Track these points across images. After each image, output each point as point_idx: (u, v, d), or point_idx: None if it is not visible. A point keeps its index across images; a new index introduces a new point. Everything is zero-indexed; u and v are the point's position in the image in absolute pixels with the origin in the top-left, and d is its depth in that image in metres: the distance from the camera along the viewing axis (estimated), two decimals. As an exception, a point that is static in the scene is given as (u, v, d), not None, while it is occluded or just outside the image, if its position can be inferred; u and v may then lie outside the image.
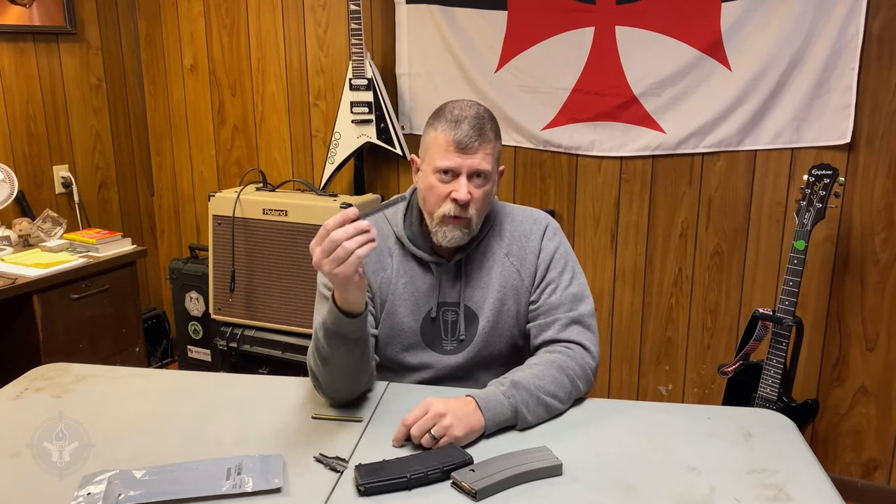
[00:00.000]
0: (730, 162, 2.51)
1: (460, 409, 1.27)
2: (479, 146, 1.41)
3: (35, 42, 2.93)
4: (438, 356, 1.54)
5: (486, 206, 1.49)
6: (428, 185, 1.45)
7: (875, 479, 2.49)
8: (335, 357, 1.34)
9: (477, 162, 1.42)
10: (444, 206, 1.43)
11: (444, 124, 1.43)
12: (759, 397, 2.25)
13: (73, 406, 1.42)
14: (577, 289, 1.52)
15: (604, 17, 2.54)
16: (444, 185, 1.43)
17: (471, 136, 1.40)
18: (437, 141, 1.43)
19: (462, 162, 1.41)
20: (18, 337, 2.48)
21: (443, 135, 1.42)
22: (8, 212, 2.80)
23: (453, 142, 1.41)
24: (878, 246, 2.36)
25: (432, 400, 1.27)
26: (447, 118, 1.43)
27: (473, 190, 1.42)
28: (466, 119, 1.42)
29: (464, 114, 1.42)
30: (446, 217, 1.44)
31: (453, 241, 1.46)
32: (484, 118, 1.44)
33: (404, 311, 1.53)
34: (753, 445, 1.27)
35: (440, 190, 1.43)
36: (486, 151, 1.42)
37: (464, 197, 1.41)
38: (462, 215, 1.43)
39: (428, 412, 1.25)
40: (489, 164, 1.43)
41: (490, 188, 1.46)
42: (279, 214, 2.73)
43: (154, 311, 3.51)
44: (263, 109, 3.19)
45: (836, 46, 2.27)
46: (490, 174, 1.44)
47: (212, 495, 1.11)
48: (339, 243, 1.18)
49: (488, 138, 1.43)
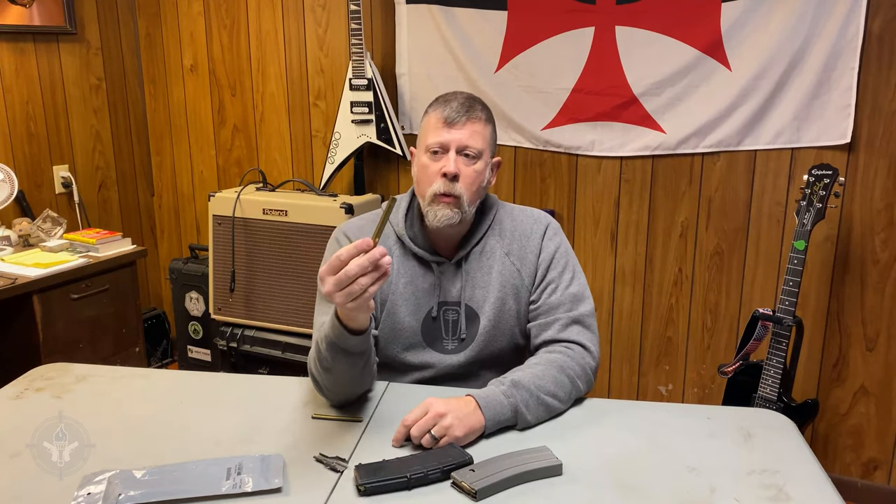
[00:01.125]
0: (730, 162, 2.51)
1: (460, 409, 1.27)
2: (466, 121, 1.45)
3: (35, 42, 2.93)
4: (439, 355, 1.54)
5: (479, 188, 1.48)
6: (421, 165, 1.49)
7: (875, 479, 2.49)
8: (338, 368, 1.33)
9: (465, 136, 1.44)
10: (434, 184, 1.45)
11: (434, 106, 1.50)
12: (759, 397, 2.25)
13: (73, 406, 1.42)
14: (578, 289, 1.52)
15: (604, 17, 2.54)
16: (435, 162, 1.46)
17: (459, 111, 1.45)
18: (428, 122, 1.49)
19: (450, 136, 1.44)
20: (18, 337, 2.48)
21: (434, 114, 1.48)
22: (8, 212, 2.80)
23: (442, 118, 1.46)
24: (878, 246, 2.36)
25: (432, 400, 1.27)
26: (438, 101, 1.50)
27: (462, 166, 1.44)
28: (456, 98, 1.48)
29: (455, 96, 1.49)
30: (437, 195, 1.45)
31: (444, 219, 1.45)
32: (474, 100, 1.49)
33: (405, 311, 1.53)
34: (753, 445, 1.27)
35: (431, 168, 1.46)
36: (475, 129, 1.46)
37: (451, 170, 1.42)
38: (451, 192, 1.44)
39: (428, 412, 1.25)
40: (478, 143, 1.45)
41: (482, 168, 1.47)
42: (279, 214, 2.73)
43: (154, 311, 3.51)
44: (263, 109, 3.19)
45: (836, 46, 2.27)
46: (480, 153, 1.46)
47: (212, 495, 1.11)
48: (353, 278, 1.13)
49: (477, 116, 1.47)
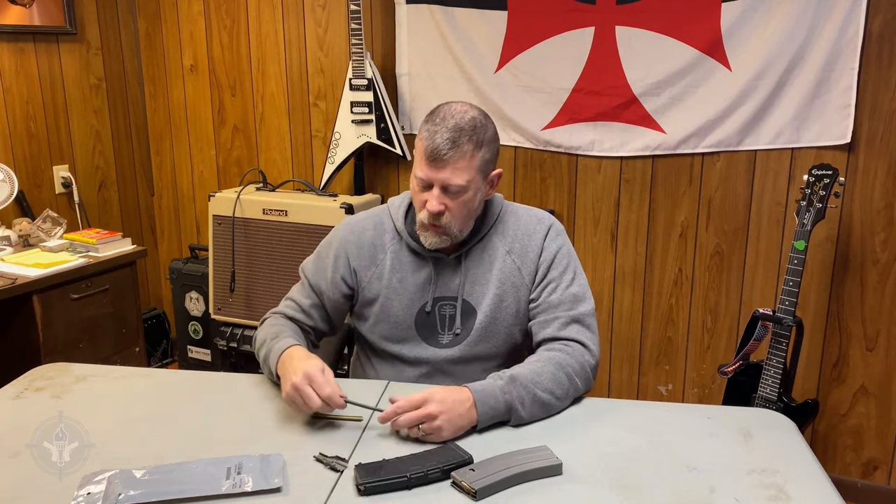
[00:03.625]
0: (730, 162, 2.51)
1: (454, 410, 1.27)
2: (449, 160, 1.40)
3: (35, 42, 2.93)
4: (434, 350, 1.55)
5: (469, 212, 1.48)
6: (413, 188, 1.49)
7: (875, 479, 2.49)
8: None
9: (446, 176, 1.41)
10: (422, 213, 1.46)
11: (425, 131, 1.43)
12: (759, 397, 2.25)
13: (73, 406, 1.42)
14: (578, 289, 1.53)
15: (604, 16, 2.54)
16: (422, 192, 1.45)
17: (443, 147, 1.39)
18: (418, 147, 1.44)
19: (433, 175, 1.42)
20: (18, 337, 2.48)
21: (422, 142, 1.43)
22: (8, 212, 2.80)
23: (426, 152, 1.41)
24: (878, 246, 2.36)
25: (431, 396, 1.27)
26: (430, 123, 1.43)
27: (448, 201, 1.43)
28: (444, 129, 1.40)
29: (445, 123, 1.41)
30: (423, 223, 1.47)
31: (434, 245, 1.48)
32: (462, 130, 1.40)
33: (398, 305, 1.54)
34: (753, 445, 1.27)
35: (419, 196, 1.47)
36: (459, 166, 1.40)
37: (434, 208, 1.42)
38: (436, 223, 1.45)
39: (421, 408, 1.26)
40: (461, 179, 1.41)
41: (470, 197, 1.45)
42: (279, 214, 2.73)
43: (154, 311, 3.51)
44: (263, 109, 3.19)
45: (836, 46, 2.27)
46: (464, 187, 1.42)
47: (212, 495, 1.11)
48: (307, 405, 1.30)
49: (462, 152, 1.40)
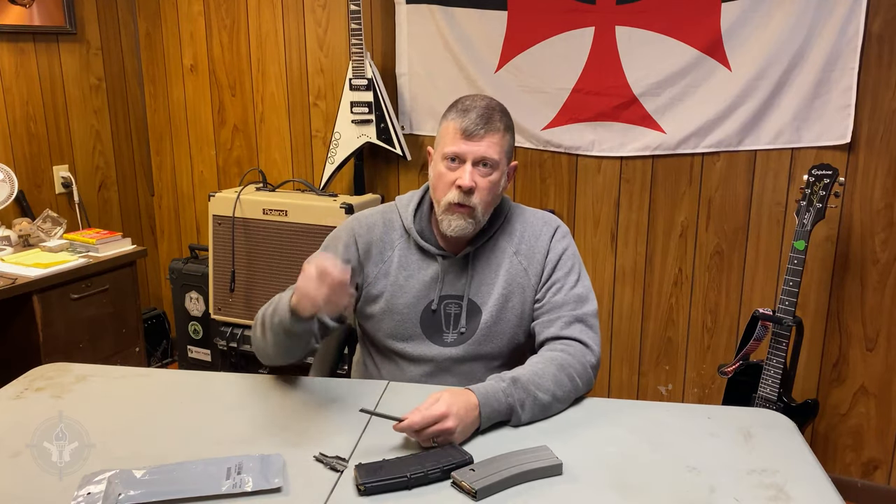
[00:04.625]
0: (730, 162, 2.51)
1: (466, 418, 1.27)
2: (485, 133, 1.45)
3: (35, 42, 2.93)
4: (438, 348, 1.55)
5: (493, 198, 1.50)
6: (437, 172, 1.50)
7: (875, 479, 2.49)
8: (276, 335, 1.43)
9: (483, 149, 1.45)
10: (449, 194, 1.47)
11: (454, 113, 1.49)
12: (759, 397, 2.25)
13: (73, 406, 1.42)
14: (582, 290, 1.54)
15: (604, 16, 2.54)
16: (451, 172, 1.47)
17: (477, 123, 1.45)
18: (447, 130, 1.49)
19: (468, 149, 1.45)
20: (18, 337, 2.48)
21: (452, 123, 1.48)
22: (8, 212, 2.79)
23: (461, 129, 1.45)
24: (878, 246, 2.35)
25: (449, 411, 1.24)
26: (458, 108, 1.49)
27: (478, 178, 1.46)
28: (476, 108, 1.47)
29: (474, 104, 1.48)
30: (451, 205, 1.47)
31: (458, 230, 1.48)
32: (494, 109, 1.48)
33: (404, 303, 1.55)
34: (753, 445, 1.27)
35: (447, 177, 1.47)
36: (493, 140, 1.46)
37: (467, 183, 1.44)
38: (466, 203, 1.45)
39: (439, 423, 1.23)
40: (495, 153, 1.46)
41: (497, 178, 1.49)
42: (279, 214, 2.73)
43: (154, 311, 3.51)
44: (263, 109, 3.19)
45: (836, 46, 2.27)
46: (496, 163, 1.47)
47: (212, 495, 1.11)
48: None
49: (496, 128, 1.47)
